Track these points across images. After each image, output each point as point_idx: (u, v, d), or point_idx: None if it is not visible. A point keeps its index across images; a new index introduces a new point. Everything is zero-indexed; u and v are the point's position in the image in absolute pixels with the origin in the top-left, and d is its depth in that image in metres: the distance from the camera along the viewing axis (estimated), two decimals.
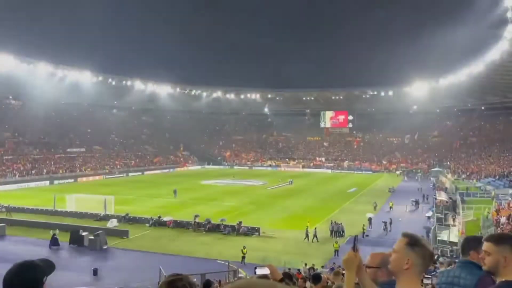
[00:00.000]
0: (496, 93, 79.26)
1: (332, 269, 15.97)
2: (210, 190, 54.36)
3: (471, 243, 3.09)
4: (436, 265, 12.98)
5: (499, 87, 74.18)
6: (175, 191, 47.71)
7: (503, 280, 2.28)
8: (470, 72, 67.16)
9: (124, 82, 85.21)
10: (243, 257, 23.52)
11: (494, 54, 55.45)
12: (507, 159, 61.84)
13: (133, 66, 74.52)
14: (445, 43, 64.19)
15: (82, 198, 38.78)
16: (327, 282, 9.33)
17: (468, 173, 61.77)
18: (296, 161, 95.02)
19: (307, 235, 28.90)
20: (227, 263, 22.13)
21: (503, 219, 27.61)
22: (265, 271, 3.37)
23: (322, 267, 21.32)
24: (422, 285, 2.21)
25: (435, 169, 71.55)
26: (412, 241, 2.19)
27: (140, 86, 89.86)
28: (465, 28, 55.78)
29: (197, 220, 32.18)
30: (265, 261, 21.73)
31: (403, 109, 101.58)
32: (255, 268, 3.52)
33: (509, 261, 2.29)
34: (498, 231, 23.86)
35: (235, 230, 30.75)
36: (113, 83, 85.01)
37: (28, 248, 25.22)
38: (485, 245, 2.42)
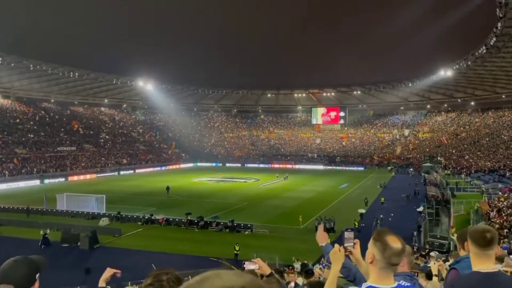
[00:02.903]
0: (485, 87, 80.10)
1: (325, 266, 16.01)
2: (203, 188, 54.30)
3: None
4: (426, 260, 13.07)
5: (487, 81, 74.97)
6: (168, 188, 47.78)
7: (475, 270, 2.38)
8: (459, 67, 67.72)
9: (114, 80, 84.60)
10: (236, 254, 23.52)
11: (482, 48, 55.88)
12: (496, 153, 62.49)
13: (124, 64, 73.86)
14: (436, 38, 64.69)
15: (73, 197, 38.50)
16: (320, 278, 9.37)
17: (458, 168, 62.36)
18: (289, 157, 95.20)
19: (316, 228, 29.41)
20: (219, 261, 22.13)
21: (492, 213, 27.93)
22: (254, 266, 3.37)
23: (315, 263, 21.39)
24: (394, 281, 2.21)
25: (426, 164, 72.14)
26: (376, 237, 2.25)
27: (131, 84, 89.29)
28: (453, 22, 56.23)
29: (189, 217, 32.13)
30: (259, 258, 21.77)
31: (394, 105, 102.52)
32: (244, 263, 3.52)
33: (466, 249, 2.38)
34: (489, 225, 24.15)
35: (227, 227, 30.76)
36: (104, 81, 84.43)
37: (19, 247, 24.96)
38: None
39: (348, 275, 3.17)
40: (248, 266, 3.41)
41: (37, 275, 1.99)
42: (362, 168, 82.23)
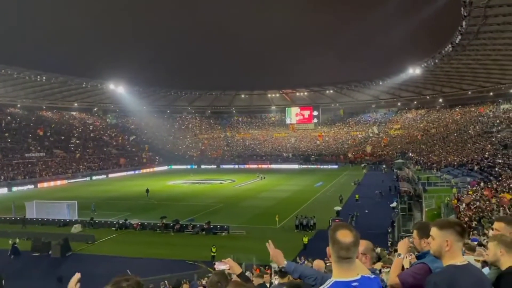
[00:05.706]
0: (452, 84, 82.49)
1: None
2: (177, 190, 53.72)
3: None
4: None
5: (454, 78, 77.22)
6: (147, 191, 47.60)
7: (450, 264, 2.37)
8: (427, 65, 69.48)
9: (84, 83, 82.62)
10: (213, 257, 23.33)
11: (448, 47, 57.47)
12: (464, 148, 64.36)
13: (94, 67, 72.25)
14: (404, 37, 66.28)
15: (43, 204, 37.34)
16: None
17: (428, 163, 63.93)
18: (264, 157, 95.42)
19: (297, 226, 30.53)
20: (196, 263, 21.94)
21: (462, 206, 28.72)
22: (225, 266, 3.32)
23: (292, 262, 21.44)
24: (356, 275, 2.20)
25: (398, 160, 73.66)
26: (329, 232, 2.28)
27: (101, 87, 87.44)
28: (420, 21, 57.63)
29: (164, 221, 31.71)
30: (237, 260, 21.66)
31: (366, 103, 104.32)
32: (214, 263, 3.49)
33: (451, 245, 2.42)
34: (458, 218, 24.80)
35: (204, 230, 30.50)
36: (73, 84, 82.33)
37: None
38: (431, 230, 2.57)
39: (315, 284, 3.14)
40: (219, 266, 3.36)
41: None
42: (336, 166, 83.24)
